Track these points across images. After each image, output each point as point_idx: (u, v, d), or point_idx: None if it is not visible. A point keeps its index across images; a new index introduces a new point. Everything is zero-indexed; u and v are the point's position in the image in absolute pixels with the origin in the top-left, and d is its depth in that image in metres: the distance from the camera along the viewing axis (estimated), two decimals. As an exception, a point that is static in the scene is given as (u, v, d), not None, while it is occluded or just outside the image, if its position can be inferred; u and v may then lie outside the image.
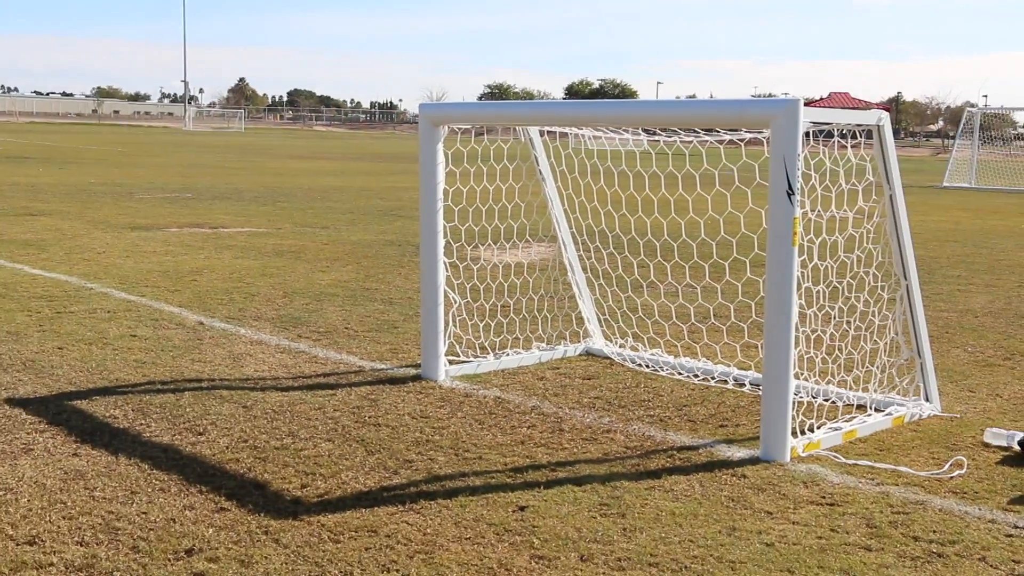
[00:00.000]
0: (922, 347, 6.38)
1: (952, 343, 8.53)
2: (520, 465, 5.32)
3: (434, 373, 7.03)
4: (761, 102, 5.95)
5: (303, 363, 7.39)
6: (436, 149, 6.92)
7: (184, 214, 17.53)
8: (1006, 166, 38.72)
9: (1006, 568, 4.24)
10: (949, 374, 7.40)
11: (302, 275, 11.18)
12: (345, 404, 6.37)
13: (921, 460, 5.54)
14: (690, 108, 6.14)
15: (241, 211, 18.44)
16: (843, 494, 4.99)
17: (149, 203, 19.43)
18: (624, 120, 6.50)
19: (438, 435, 5.79)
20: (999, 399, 6.83)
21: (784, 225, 5.32)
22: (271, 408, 6.24)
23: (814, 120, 5.60)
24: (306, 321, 8.84)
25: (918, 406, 6.36)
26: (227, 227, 15.84)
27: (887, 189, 6.09)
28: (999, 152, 42.26)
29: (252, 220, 16.98)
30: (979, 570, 4.21)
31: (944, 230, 18.15)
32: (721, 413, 6.38)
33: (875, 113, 5.95)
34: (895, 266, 6.27)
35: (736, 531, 4.53)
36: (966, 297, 10.87)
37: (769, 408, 5.48)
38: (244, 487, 4.92)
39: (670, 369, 7.30)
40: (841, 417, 6.08)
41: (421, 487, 4.98)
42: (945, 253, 14.65)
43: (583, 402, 6.57)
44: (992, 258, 14.29)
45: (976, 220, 20.66)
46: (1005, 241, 16.61)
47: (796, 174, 5.28)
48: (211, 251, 13.03)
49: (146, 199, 20.29)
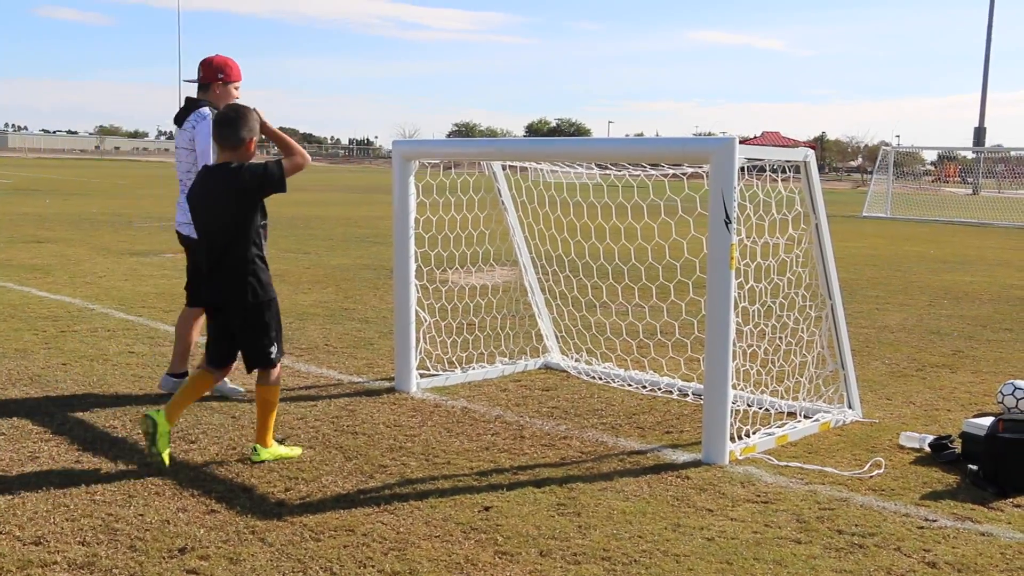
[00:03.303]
0: (845, 360, 6.42)
1: (871, 356, 8.59)
2: (485, 469, 5.29)
3: (407, 385, 6.99)
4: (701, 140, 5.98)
5: (286, 377, 7.32)
6: (408, 182, 6.91)
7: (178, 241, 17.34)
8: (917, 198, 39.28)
9: (918, 556, 4.27)
10: (869, 384, 7.46)
11: (285, 296, 11.09)
12: (325, 414, 6.32)
13: (845, 461, 5.57)
14: (638, 145, 6.16)
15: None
16: (776, 493, 5.00)
17: (147, 231, 19.23)
18: (579, 156, 6.52)
19: (410, 442, 5.75)
20: (912, 406, 6.88)
21: (722, 251, 5.34)
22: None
23: (748, 156, 5.63)
24: (289, 338, 8.77)
25: (842, 413, 6.40)
26: (218, 253, 15.68)
27: (813, 218, 6.14)
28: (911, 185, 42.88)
29: (241, 246, 16.82)
30: (895, 559, 4.23)
31: (863, 255, 18.33)
32: (667, 421, 6.38)
33: (802, 150, 6.00)
34: (821, 287, 6.31)
35: (680, 527, 4.52)
36: (883, 315, 10.97)
37: (710, 416, 5.49)
38: (233, 491, 4.86)
39: (621, 381, 7.30)
40: (774, 423, 6.10)
41: (395, 490, 4.94)
42: (864, 276, 14.79)
43: (542, 411, 6.55)
44: (905, 280, 14.44)
45: (891, 246, 20.89)
46: (917, 265, 16.80)
47: (733, 205, 5.30)
48: (203, 274, 12.88)
49: (144, 227, 20.09)
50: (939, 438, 5.76)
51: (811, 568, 4.12)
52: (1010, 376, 7.78)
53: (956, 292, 13.09)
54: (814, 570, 4.11)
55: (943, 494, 5.06)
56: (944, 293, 12.97)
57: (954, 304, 11.96)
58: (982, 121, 62.75)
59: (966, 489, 5.14)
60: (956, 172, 68.13)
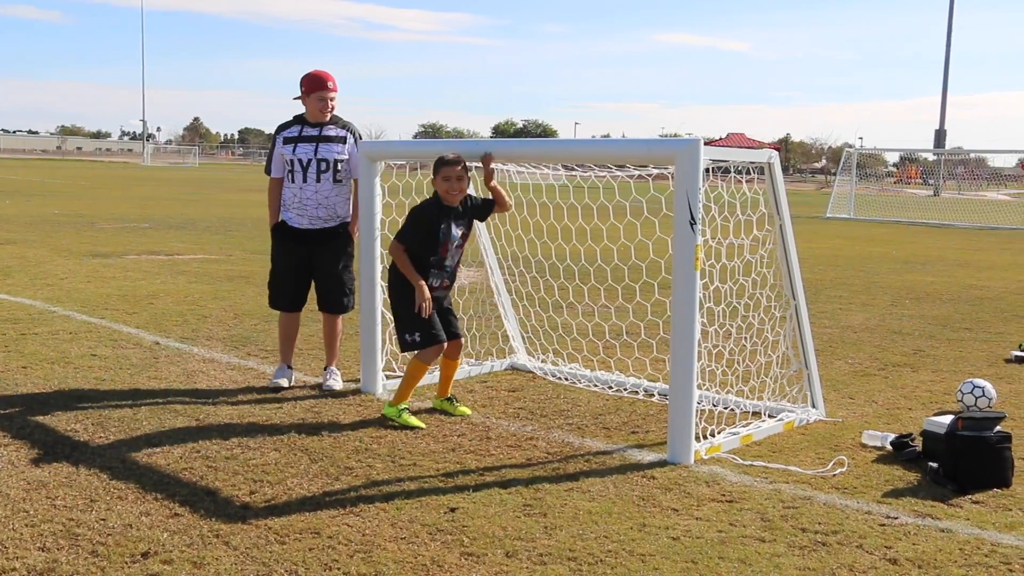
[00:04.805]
0: (809, 360, 6.47)
1: (834, 356, 8.67)
2: (451, 470, 5.28)
3: (373, 387, 6.96)
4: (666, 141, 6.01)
5: (252, 379, 7.27)
6: (374, 183, 6.89)
7: (142, 242, 17.20)
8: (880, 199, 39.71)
9: (880, 553, 4.31)
10: (832, 383, 7.52)
11: (251, 298, 11.02)
12: (291, 416, 6.28)
13: (808, 460, 5.61)
14: (604, 146, 6.18)
15: (195, 239, 18.15)
16: (740, 492, 5.03)
17: (109, 232, 19.03)
18: (545, 157, 6.52)
19: (376, 444, 5.73)
20: (875, 405, 6.95)
21: (687, 251, 5.36)
22: (222, 421, 6.13)
23: (713, 158, 5.66)
24: (255, 340, 8.71)
25: (806, 412, 6.45)
26: (182, 254, 15.57)
27: (777, 219, 6.18)
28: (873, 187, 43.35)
29: (205, 247, 16.72)
30: (857, 556, 4.27)
31: (827, 256, 18.49)
32: (632, 421, 6.40)
33: (766, 152, 6.04)
34: (785, 288, 6.35)
35: (646, 527, 4.54)
36: (846, 315, 11.07)
37: (675, 416, 5.52)
38: (196, 494, 4.82)
39: (587, 381, 7.31)
40: (739, 423, 6.14)
41: (360, 492, 4.92)
42: (828, 276, 14.92)
43: (508, 412, 6.55)
44: (868, 280, 14.59)
45: (854, 247, 21.09)
46: (879, 265, 16.97)
47: (698, 206, 5.33)
48: (167, 276, 12.79)
49: (106, 229, 19.88)
50: (900, 436, 5.82)
51: (775, 566, 4.15)
52: (969, 375, 7.88)
53: (917, 292, 13.24)
54: (778, 568, 4.14)
55: (904, 492, 5.12)
56: (906, 293, 13.12)
57: (915, 304, 12.09)
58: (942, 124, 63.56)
59: (926, 486, 5.20)
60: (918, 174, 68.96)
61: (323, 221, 7.00)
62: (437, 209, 6.27)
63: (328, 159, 6.96)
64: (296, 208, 7.01)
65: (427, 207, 6.29)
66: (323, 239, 7.02)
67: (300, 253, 7.06)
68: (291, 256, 7.10)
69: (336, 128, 7.06)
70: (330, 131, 7.03)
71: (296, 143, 7.01)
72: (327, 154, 6.96)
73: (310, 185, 6.95)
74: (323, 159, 6.95)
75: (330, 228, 7.03)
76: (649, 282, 7.69)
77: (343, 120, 7.15)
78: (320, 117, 7.02)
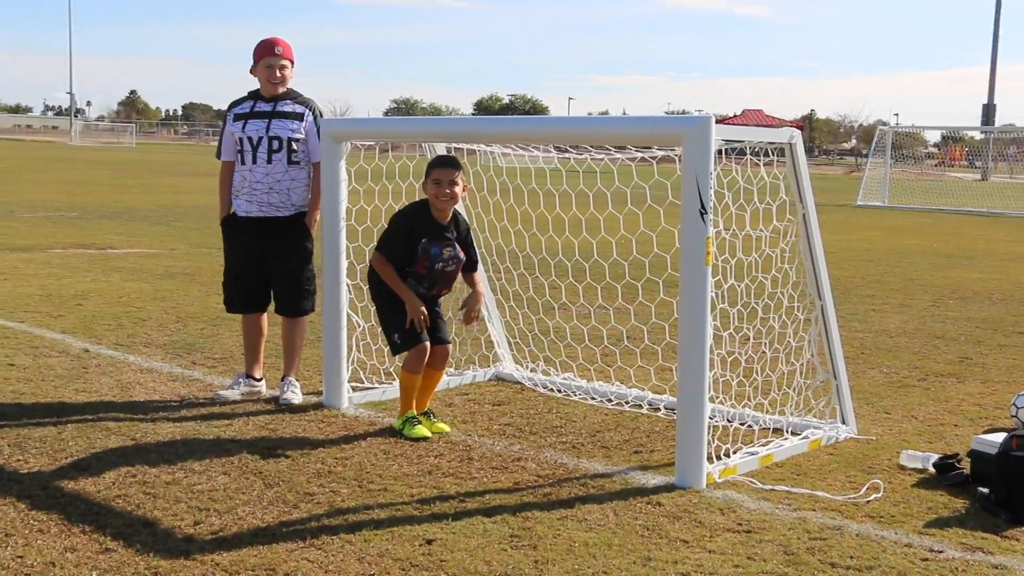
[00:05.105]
0: (838, 368, 6.49)
1: (867, 364, 8.71)
2: (427, 496, 5.28)
3: (337, 400, 6.96)
4: (673, 119, 6.02)
5: (197, 391, 7.25)
6: (338, 166, 6.88)
7: (69, 234, 17.14)
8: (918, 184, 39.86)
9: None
10: (865, 396, 7.55)
11: (197, 298, 10.99)
12: (242, 434, 6.27)
13: (838, 484, 5.63)
14: (602, 125, 6.20)
15: (131, 231, 18.09)
16: (760, 520, 5.05)
17: (30, 223, 18.95)
18: (534, 137, 6.53)
19: (341, 466, 5.72)
20: (914, 420, 6.98)
21: (697, 244, 5.37)
22: (162, 440, 6.11)
23: (726, 138, 5.68)
24: (201, 347, 8.69)
25: (834, 429, 6.47)
26: (116, 248, 15.52)
27: (800, 208, 6.20)
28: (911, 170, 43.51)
29: (143, 240, 16.68)
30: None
31: (858, 249, 18.57)
32: (635, 439, 6.41)
33: (787, 131, 6.06)
34: (810, 286, 6.37)
35: (652, 561, 4.54)
36: (881, 317, 11.12)
37: (684, 433, 5.53)
38: (132, 526, 4.80)
39: (583, 394, 7.32)
40: (757, 441, 6.16)
41: (323, 521, 4.91)
42: (859, 273, 14.98)
43: (493, 429, 6.56)
44: (906, 277, 14.66)
45: (890, 239, 21.19)
46: (919, 260, 17.05)
47: (709, 193, 5.34)
48: (98, 273, 12.75)
49: (27, 218, 19.80)
50: (944, 457, 5.84)
51: (799, 606, 4.16)
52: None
53: (963, 291, 13.31)
54: (803, 608, 4.14)
55: (950, 521, 5.13)
56: (949, 292, 13.18)
57: (961, 305, 12.15)
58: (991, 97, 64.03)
59: (976, 515, 5.22)
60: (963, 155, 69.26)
61: (275, 208, 7.02)
62: (419, 218, 6.38)
63: (281, 137, 6.98)
64: (245, 193, 7.05)
65: (410, 214, 6.43)
66: (275, 231, 7.03)
67: (252, 246, 7.07)
68: (243, 250, 7.11)
69: (293, 103, 7.09)
70: (285, 106, 7.06)
71: (247, 120, 7.04)
72: (280, 131, 6.98)
73: (260, 166, 6.98)
74: (275, 137, 6.98)
75: (283, 218, 7.04)
76: (653, 280, 7.70)
77: (303, 96, 7.17)
78: (271, 89, 7.06)
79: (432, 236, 6.38)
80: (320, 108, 7.19)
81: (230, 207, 7.16)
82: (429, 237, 6.36)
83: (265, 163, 6.98)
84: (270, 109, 7.04)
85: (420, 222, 6.38)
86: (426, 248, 6.35)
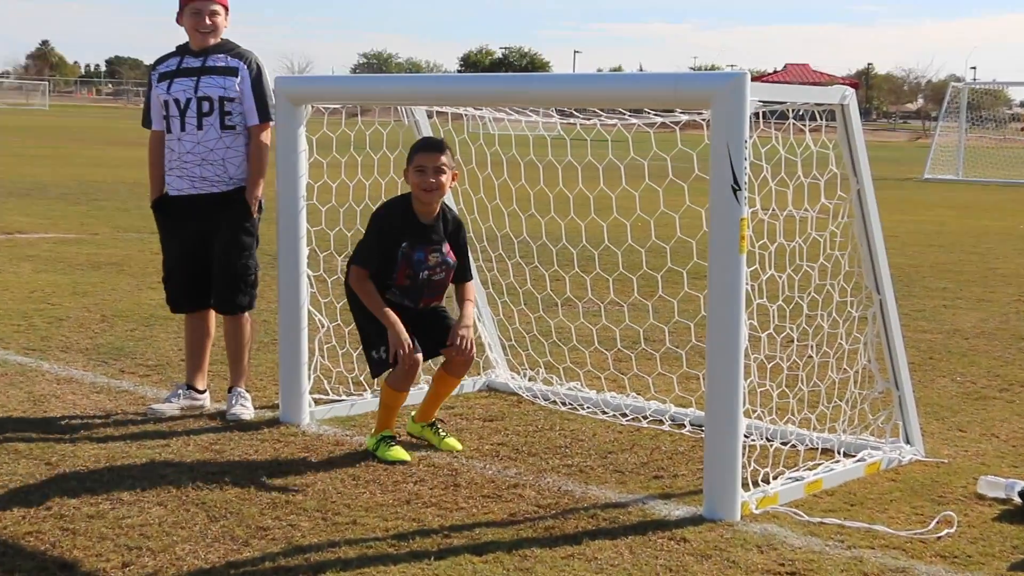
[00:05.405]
0: (900, 377, 6.51)
1: (937, 371, 8.73)
2: (405, 531, 5.30)
3: (296, 415, 6.98)
4: (700, 76, 6.04)
5: (127, 405, 7.27)
6: (297, 134, 6.89)
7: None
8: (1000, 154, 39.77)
9: (1001, 646, 4.36)
10: (934, 409, 7.57)
11: (126, 293, 11.00)
12: (181, 457, 6.29)
13: (901, 517, 5.65)
14: (613, 84, 6.22)
15: (45, 211, 18.08)
16: (807, 560, 5.08)
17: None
18: (533, 98, 6.53)
19: (301, 495, 5.75)
20: (995, 440, 7.00)
21: (729, 228, 5.39)
22: (84, 465, 6.13)
23: (764, 98, 5.69)
24: (131, 352, 8.70)
25: (896, 449, 6.49)
26: (26, 232, 15.52)
27: (854, 183, 6.21)
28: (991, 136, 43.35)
29: (59, 223, 16.67)
30: (969, 650, 4.31)
31: (926, 232, 18.59)
32: (655, 461, 6.43)
33: (839, 90, 6.08)
34: (866, 277, 6.39)
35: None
36: (953, 315, 11.14)
37: (714, 454, 5.55)
38: (46, 569, 4.82)
39: (592, 407, 7.34)
40: (803, 464, 6.18)
41: (279, 561, 4.94)
42: (928, 261, 14.99)
43: (484, 450, 6.58)
44: (985, 266, 14.67)
45: (965, 220, 21.21)
46: (1000, 245, 17.07)
47: (743, 165, 5.35)
48: (4, 263, 12.75)
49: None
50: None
51: (852, 662, 4.19)
52: (1122, 397, 7.95)
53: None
54: (856, 664, 4.18)
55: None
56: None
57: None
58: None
59: (1062, 552, 5.25)
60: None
61: (209, 184, 7.01)
62: (401, 218, 6.36)
63: (211, 97, 6.99)
64: (176, 167, 7.05)
65: (391, 214, 6.40)
66: (211, 210, 7.02)
67: (190, 231, 7.06)
68: (180, 237, 7.10)
69: (226, 57, 7.08)
70: (217, 61, 7.06)
71: (172, 79, 7.04)
72: (210, 90, 6.99)
73: (189, 134, 6.99)
74: (205, 97, 6.99)
75: (219, 194, 7.04)
76: (676, 270, 7.72)
77: (239, 48, 7.16)
78: (200, 41, 7.05)
79: (415, 238, 6.35)
80: (260, 61, 7.17)
81: (162, 186, 7.15)
82: (411, 240, 6.34)
83: (195, 129, 6.96)
84: (199, 65, 7.03)
85: (400, 222, 6.35)
86: (407, 254, 6.32)
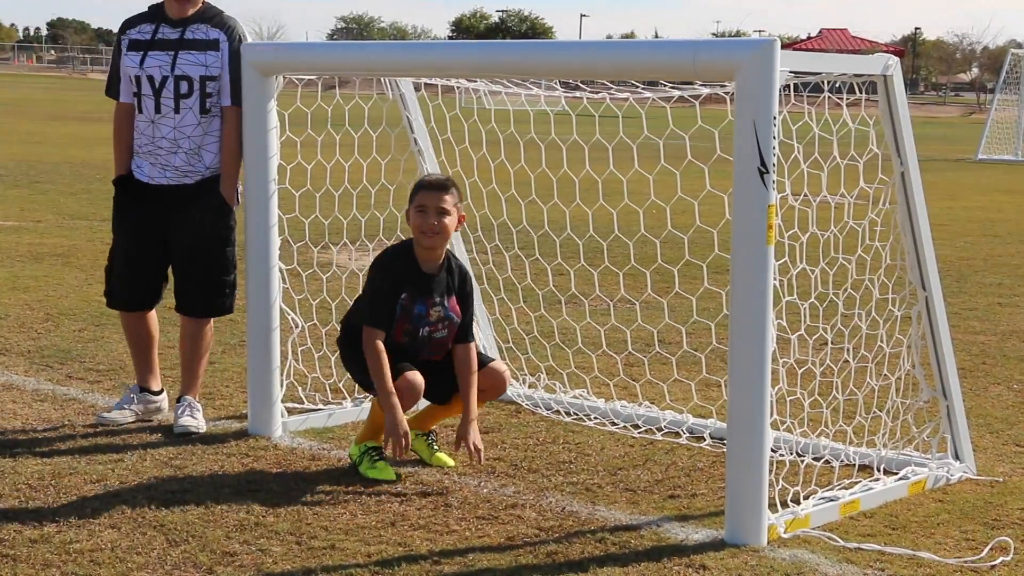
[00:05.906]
0: (948, 384, 6.53)
1: (991, 378, 8.75)
2: (389, 556, 5.33)
3: (266, 427, 7.00)
4: (723, 44, 6.05)
5: (74, 415, 7.29)
6: (267, 109, 6.90)
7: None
8: (1065, 132, 39.73)
9: None
10: (987, 421, 7.60)
11: (73, 288, 11.00)
12: (137, 474, 6.31)
13: (950, 542, 5.67)
14: (624, 52, 6.21)
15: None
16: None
17: None
18: (534, 68, 6.55)
19: (272, 516, 5.77)
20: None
21: (755, 215, 5.41)
22: (26, 482, 6.14)
23: (796, 69, 5.71)
24: (79, 355, 8.72)
25: (944, 466, 6.51)
26: (-40, 220, 15.53)
27: (898, 164, 6.23)
28: (1056, 112, 43.29)
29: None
30: None
31: (979, 221, 18.58)
32: (671, 479, 6.46)
33: (881, 59, 6.10)
34: (909, 272, 6.41)
35: (692, 643, 4.60)
36: (1010, 314, 11.16)
37: (737, 471, 5.58)
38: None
39: (599, 417, 7.37)
40: (838, 483, 6.20)
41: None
42: (981, 253, 14.99)
43: (478, 466, 6.60)
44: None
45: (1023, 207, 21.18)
46: (1062, 236, 17.05)
47: (771, 144, 5.37)
48: (-63, 255, 12.76)
49: None
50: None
51: None
52: None
53: (1119, 278, 13.33)
54: None
55: (1096, 590, 5.19)
56: (1101, 280, 13.21)
57: (1116, 297, 12.18)
58: None
59: None
60: None
61: (181, 174, 6.99)
62: (403, 267, 6.36)
63: (191, 76, 6.97)
64: (148, 153, 7.02)
65: (393, 262, 6.38)
66: (184, 202, 7.01)
67: (152, 221, 7.04)
68: (139, 225, 7.08)
69: (206, 27, 7.05)
70: (197, 32, 7.03)
71: (146, 52, 7.02)
72: (189, 68, 6.97)
73: (166, 117, 6.95)
74: (183, 76, 6.96)
75: (193, 185, 7.02)
76: (695, 263, 7.73)
77: (222, 15, 7.12)
78: (179, 11, 7.01)
79: (415, 289, 6.35)
80: (244, 31, 7.13)
81: (129, 164, 7.11)
82: (411, 291, 6.33)
83: (172, 112, 6.94)
84: (177, 36, 7.00)
85: (403, 272, 6.33)
86: (406, 306, 6.32)
